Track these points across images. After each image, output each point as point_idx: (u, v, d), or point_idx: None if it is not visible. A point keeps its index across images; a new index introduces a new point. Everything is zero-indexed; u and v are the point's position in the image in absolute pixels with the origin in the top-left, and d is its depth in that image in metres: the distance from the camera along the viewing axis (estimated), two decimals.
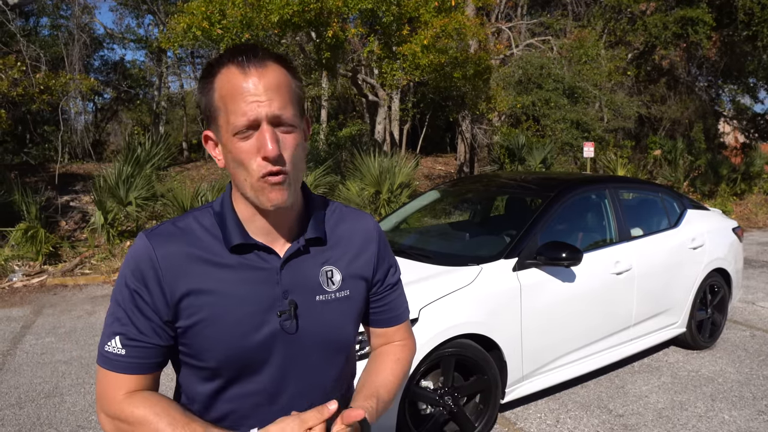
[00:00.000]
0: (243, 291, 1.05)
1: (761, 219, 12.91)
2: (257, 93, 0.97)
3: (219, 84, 1.00)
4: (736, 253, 4.92)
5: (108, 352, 1.04)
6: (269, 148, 0.97)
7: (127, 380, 1.04)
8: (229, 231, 1.07)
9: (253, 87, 0.97)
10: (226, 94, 0.99)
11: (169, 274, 1.04)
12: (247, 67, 0.98)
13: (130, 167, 8.73)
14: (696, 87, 19.24)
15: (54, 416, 3.63)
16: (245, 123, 0.97)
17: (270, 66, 1.00)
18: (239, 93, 0.97)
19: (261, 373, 1.08)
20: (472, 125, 13.78)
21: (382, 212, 9.04)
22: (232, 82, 0.98)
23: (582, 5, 16.58)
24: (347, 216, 1.21)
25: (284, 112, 0.99)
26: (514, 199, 4.72)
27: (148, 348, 1.04)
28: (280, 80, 1.00)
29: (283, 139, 1.00)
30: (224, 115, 1.00)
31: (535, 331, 3.39)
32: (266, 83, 0.98)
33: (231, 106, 0.98)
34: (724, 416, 3.57)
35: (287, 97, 1.00)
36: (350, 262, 1.16)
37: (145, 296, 1.03)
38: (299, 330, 1.08)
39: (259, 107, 0.97)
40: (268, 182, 0.99)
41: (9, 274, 7.34)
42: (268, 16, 7.93)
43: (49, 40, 15.92)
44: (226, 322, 1.04)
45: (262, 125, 0.98)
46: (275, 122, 0.99)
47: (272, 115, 0.98)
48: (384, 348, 1.27)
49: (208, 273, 1.05)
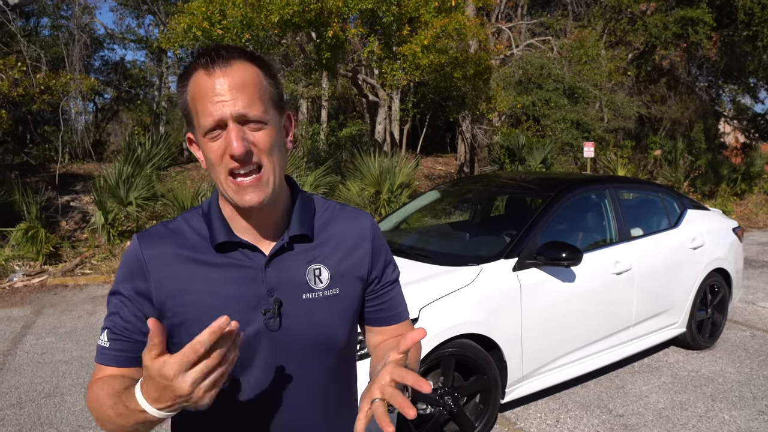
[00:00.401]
0: (228, 290, 1.06)
1: (761, 219, 12.91)
2: (221, 92, 0.98)
3: (191, 87, 1.02)
4: (737, 253, 4.92)
5: (99, 345, 1.08)
6: (234, 146, 0.97)
7: (108, 371, 1.06)
8: (214, 230, 1.08)
9: (219, 87, 0.98)
10: (195, 96, 1.00)
11: (156, 274, 1.06)
12: (211, 68, 0.99)
13: (131, 167, 8.73)
14: (696, 87, 19.23)
15: (54, 416, 3.64)
16: (212, 123, 0.98)
17: (235, 64, 1.00)
18: (205, 94, 0.98)
19: (247, 372, 1.08)
20: (472, 125, 13.78)
21: (383, 212, 9.04)
22: (200, 83, 1.00)
23: (582, 5, 16.58)
24: (341, 214, 1.20)
25: (250, 109, 0.99)
26: (514, 199, 4.72)
27: (130, 342, 1.06)
28: (245, 78, 1.00)
29: (253, 137, 1.00)
30: (196, 117, 1.01)
31: (535, 331, 3.39)
32: (231, 82, 0.98)
33: (200, 107, 0.99)
34: (724, 416, 3.57)
35: (254, 95, 1.00)
36: (341, 260, 1.14)
37: (130, 294, 1.06)
38: (283, 328, 1.07)
39: (223, 107, 0.97)
40: (236, 183, 1.00)
41: (9, 274, 7.35)
42: (268, 17, 7.93)
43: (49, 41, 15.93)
44: (211, 320, 1.03)
45: (229, 124, 0.98)
46: (242, 120, 0.99)
47: (237, 114, 0.98)
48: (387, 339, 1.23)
49: (194, 272, 1.06)
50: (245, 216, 1.08)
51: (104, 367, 1.06)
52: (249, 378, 1.08)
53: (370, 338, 1.26)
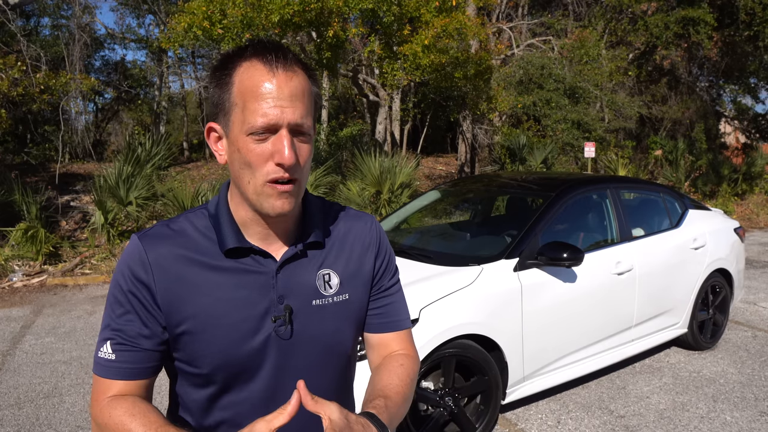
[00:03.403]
0: (238, 295, 1.02)
1: (762, 219, 12.90)
2: (282, 97, 0.93)
3: (240, 78, 0.95)
4: (738, 254, 4.90)
5: (100, 358, 1.02)
6: (286, 155, 0.93)
7: (116, 386, 1.01)
8: (224, 234, 1.04)
9: (278, 90, 0.93)
10: (247, 90, 0.94)
11: (161, 278, 1.01)
12: (275, 67, 0.94)
13: (131, 167, 8.73)
14: (697, 87, 19.21)
15: (53, 416, 3.62)
16: (264, 125, 0.93)
17: (298, 71, 0.96)
18: (263, 92, 0.93)
19: (255, 379, 1.05)
20: (473, 125, 13.76)
21: (383, 212, 9.03)
22: (256, 78, 0.94)
23: (583, 5, 16.57)
24: (346, 217, 1.17)
25: (306, 121, 0.96)
26: (515, 199, 4.71)
27: (138, 352, 1.01)
28: (305, 87, 0.97)
29: (299, 148, 0.97)
30: (240, 111, 0.95)
31: (536, 331, 3.37)
32: (292, 88, 0.94)
33: (251, 104, 0.93)
34: (726, 417, 3.56)
35: (310, 107, 0.98)
36: (348, 265, 1.12)
37: (135, 301, 1.01)
38: (294, 335, 1.05)
39: (282, 112, 0.93)
40: (276, 189, 0.96)
41: (9, 274, 7.33)
42: (268, 16, 7.92)
43: (49, 40, 15.92)
44: (220, 327, 1.01)
45: (282, 131, 0.94)
46: (295, 130, 0.96)
47: (294, 123, 0.94)
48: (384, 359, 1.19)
49: (201, 276, 1.02)
50: (263, 222, 1.05)
51: (110, 381, 1.01)
52: (257, 386, 1.06)
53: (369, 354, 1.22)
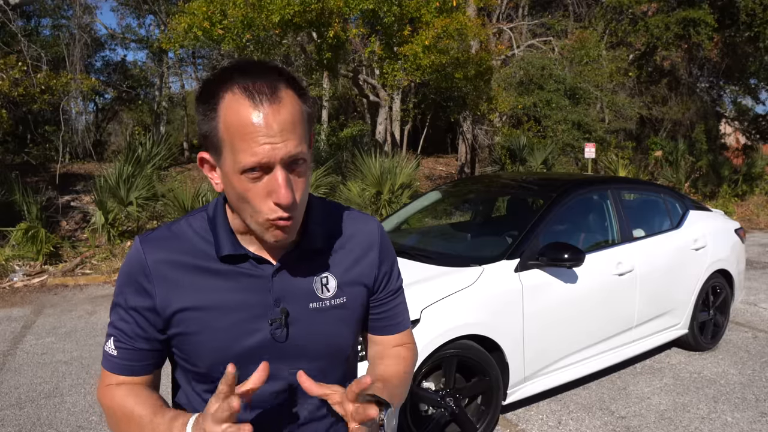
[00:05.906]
0: (234, 299, 1.03)
1: (763, 220, 12.89)
2: (271, 134, 0.87)
3: (224, 112, 0.89)
4: (738, 255, 4.91)
5: (105, 351, 1.07)
6: (283, 194, 0.90)
7: (119, 379, 1.06)
8: (220, 241, 1.04)
9: (267, 127, 0.87)
10: (234, 127, 0.88)
11: (160, 281, 1.02)
12: (259, 102, 0.87)
13: (131, 167, 8.73)
14: (697, 88, 19.21)
15: (54, 417, 3.62)
16: (255, 164, 0.88)
17: (283, 97, 0.89)
18: (249, 130, 0.87)
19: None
20: (473, 126, 13.77)
21: (383, 213, 9.03)
22: (241, 114, 0.88)
23: (583, 6, 16.58)
24: (347, 220, 1.16)
25: (300, 149, 0.91)
26: (515, 200, 4.71)
27: (137, 352, 1.04)
28: (294, 114, 0.90)
29: (295, 184, 0.93)
30: (230, 150, 0.90)
31: (537, 332, 3.37)
32: (281, 122, 0.88)
33: (239, 143, 0.88)
34: (726, 418, 3.56)
35: (302, 133, 0.92)
36: (348, 268, 1.11)
37: (133, 302, 1.03)
38: (290, 338, 1.05)
39: (273, 149, 0.88)
40: (276, 224, 0.95)
41: (10, 274, 7.33)
42: (269, 17, 7.93)
43: (50, 41, 15.91)
44: (216, 329, 1.02)
45: (276, 170, 0.90)
46: (289, 162, 0.91)
47: (288, 157, 0.90)
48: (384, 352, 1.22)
49: (199, 280, 1.03)
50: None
51: (113, 374, 1.06)
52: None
53: (368, 349, 1.24)
